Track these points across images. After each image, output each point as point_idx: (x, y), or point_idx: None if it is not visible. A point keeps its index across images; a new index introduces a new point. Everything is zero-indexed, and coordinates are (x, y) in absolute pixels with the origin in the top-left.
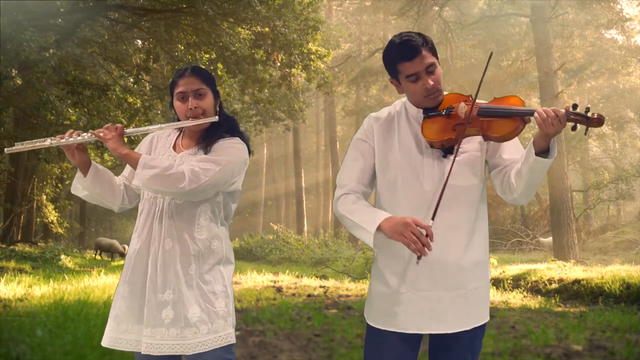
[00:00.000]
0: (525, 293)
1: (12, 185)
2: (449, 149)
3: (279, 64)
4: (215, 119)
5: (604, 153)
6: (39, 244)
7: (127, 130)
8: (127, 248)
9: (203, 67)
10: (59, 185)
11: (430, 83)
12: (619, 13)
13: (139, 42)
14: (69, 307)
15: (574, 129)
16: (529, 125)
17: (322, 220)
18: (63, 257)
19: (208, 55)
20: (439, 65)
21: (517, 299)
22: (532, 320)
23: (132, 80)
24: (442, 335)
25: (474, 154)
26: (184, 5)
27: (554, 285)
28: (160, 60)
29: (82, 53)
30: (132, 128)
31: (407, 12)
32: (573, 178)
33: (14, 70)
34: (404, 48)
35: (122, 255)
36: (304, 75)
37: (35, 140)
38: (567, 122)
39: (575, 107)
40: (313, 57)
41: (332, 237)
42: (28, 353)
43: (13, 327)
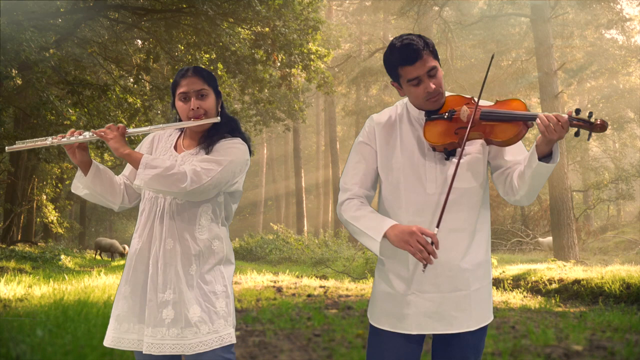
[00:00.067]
0: (525, 293)
1: (12, 185)
2: (452, 152)
3: (279, 64)
4: (217, 120)
5: (604, 153)
6: (39, 244)
7: (128, 130)
8: (127, 248)
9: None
10: (59, 185)
11: (432, 87)
12: (619, 13)
13: (139, 42)
14: (69, 307)
15: (577, 135)
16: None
17: (322, 220)
18: (63, 257)
19: (208, 55)
20: (440, 68)
21: (517, 299)
22: (532, 320)
23: (132, 80)
24: (445, 336)
25: (476, 156)
26: (184, 5)
27: (554, 285)
28: (160, 60)
29: (82, 53)
30: (133, 128)
31: (407, 12)
32: (573, 178)
33: (14, 70)
34: (405, 52)
35: (122, 255)
36: (304, 75)
37: (37, 139)
38: (569, 127)
39: (578, 112)
40: (313, 57)
41: (332, 237)
42: (28, 353)
43: (13, 327)
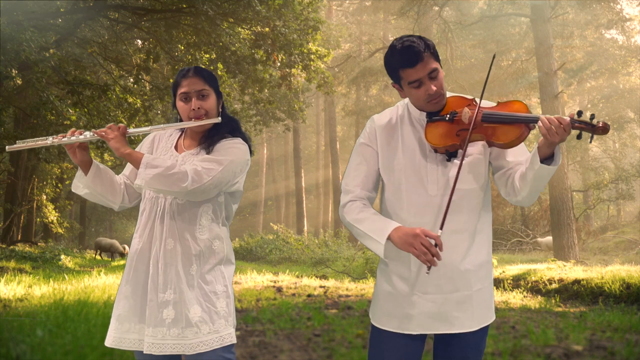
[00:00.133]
0: (525, 293)
1: (12, 185)
2: (453, 153)
3: (279, 64)
4: (218, 120)
5: (604, 153)
6: (39, 244)
7: (129, 130)
8: (127, 248)
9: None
10: (59, 185)
11: (433, 89)
12: (619, 13)
13: (139, 42)
14: (69, 307)
15: (579, 137)
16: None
17: (322, 220)
18: (63, 257)
19: (208, 55)
20: (441, 69)
21: (517, 299)
22: (532, 320)
23: (132, 80)
24: (446, 336)
25: (478, 157)
26: (184, 5)
27: (554, 285)
28: (160, 60)
29: (82, 53)
30: (133, 128)
31: (407, 12)
32: (573, 178)
33: (14, 70)
34: (406, 54)
35: (122, 256)
36: (304, 75)
37: (37, 139)
38: (571, 130)
39: (580, 114)
40: (313, 57)
41: (332, 237)
42: (28, 353)
43: (13, 327)
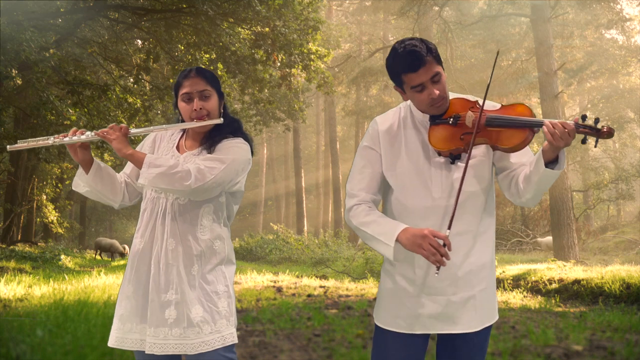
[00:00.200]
0: (525, 293)
1: (12, 185)
2: (457, 156)
3: (279, 64)
4: (220, 121)
5: (604, 153)
6: (39, 244)
7: (131, 131)
8: (127, 248)
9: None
10: (59, 185)
11: (436, 92)
12: (619, 13)
13: (139, 42)
14: (69, 307)
15: (584, 142)
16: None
17: (322, 220)
18: (63, 257)
19: (208, 55)
20: (444, 72)
21: (517, 299)
22: (532, 320)
23: (132, 80)
24: (449, 336)
25: (481, 159)
26: (184, 5)
27: (554, 285)
28: (160, 60)
29: (82, 53)
30: (135, 128)
31: (407, 12)
32: (573, 178)
33: (14, 70)
34: (409, 59)
35: (122, 256)
36: (304, 75)
37: (38, 138)
38: (576, 134)
39: (585, 118)
40: (313, 57)
41: (332, 237)
42: (28, 353)
43: (13, 327)
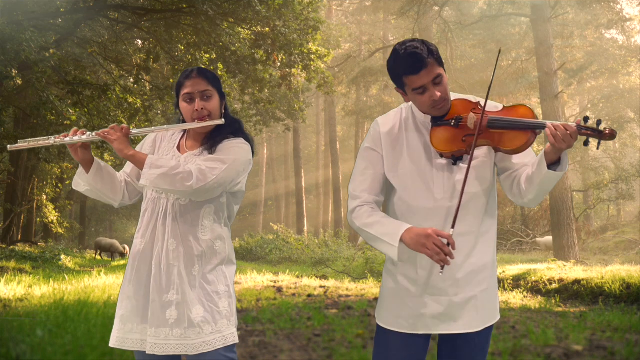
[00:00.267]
0: (526, 293)
1: (12, 185)
2: (459, 158)
3: (279, 64)
4: (222, 122)
5: (604, 153)
6: (39, 244)
7: (132, 131)
8: (127, 248)
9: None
10: (59, 185)
11: (438, 94)
12: (619, 13)
13: (139, 42)
14: (69, 307)
15: (586, 144)
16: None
17: (322, 220)
18: (63, 257)
19: (208, 55)
20: (445, 74)
21: (517, 299)
22: (532, 320)
23: (132, 80)
24: (451, 336)
25: (483, 160)
26: (184, 5)
27: (554, 285)
28: (160, 60)
29: (82, 53)
30: (136, 129)
31: (407, 12)
32: (573, 178)
33: (14, 70)
34: (410, 61)
35: (122, 256)
36: (304, 75)
37: (39, 138)
38: (578, 136)
39: (587, 120)
40: (313, 57)
41: (332, 237)
42: (28, 353)
43: (13, 327)
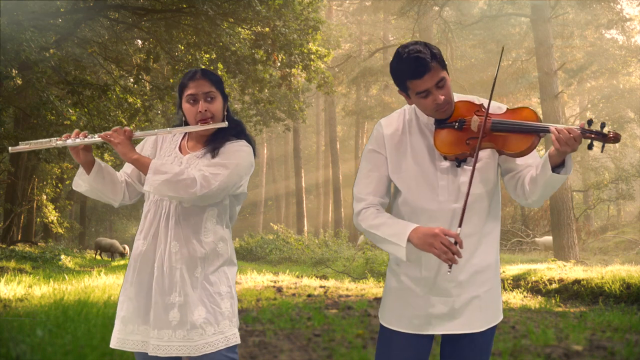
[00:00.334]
0: (526, 293)
1: (12, 185)
2: (463, 160)
3: (279, 64)
4: (225, 125)
5: (604, 153)
6: (39, 244)
7: (135, 133)
8: (127, 248)
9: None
10: (59, 185)
11: (441, 98)
12: (619, 13)
13: (139, 42)
14: (69, 307)
15: (590, 147)
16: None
17: (322, 220)
18: (63, 257)
19: (208, 55)
20: (448, 76)
21: (517, 299)
22: (532, 320)
23: (132, 80)
24: (454, 336)
25: (487, 162)
26: (184, 5)
27: (554, 285)
28: (160, 60)
29: (82, 53)
30: (139, 131)
31: (407, 12)
32: (573, 178)
33: (14, 70)
34: (413, 65)
35: (122, 255)
36: (304, 75)
37: (41, 140)
38: (582, 139)
39: (591, 123)
40: (313, 57)
41: (332, 237)
42: (28, 353)
43: (13, 327)
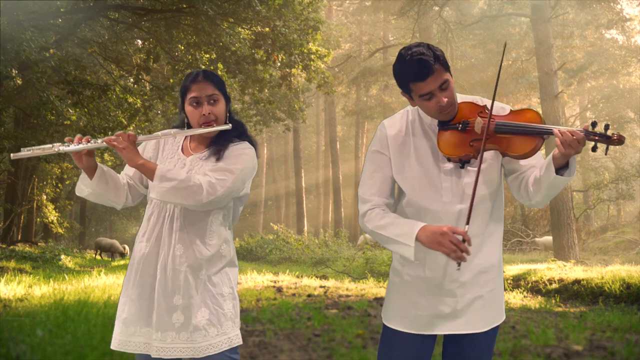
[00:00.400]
0: (526, 293)
1: (12, 185)
2: (466, 161)
3: (279, 64)
4: (229, 127)
5: (604, 152)
6: (39, 244)
7: (139, 138)
8: (127, 248)
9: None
10: (59, 185)
11: (444, 100)
12: (619, 13)
13: (139, 42)
14: (69, 307)
15: (594, 149)
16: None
17: (322, 220)
18: (63, 257)
19: (208, 55)
20: (452, 78)
21: (517, 299)
22: (532, 320)
23: (132, 80)
24: (457, 336)
25: (490, 163)
26: (184, 5)
27: (554, 285)
28: (160, 60)
29: (82, 53)
30: (143, 135)
31: (407, 12)
32: (573, 178)
33: (14, 70)
34: (417, 68)
35: (122, 256)
36: (304, 75)
37: (43, 146)
38: (586, 141)
39: (595, 125)
40: (313, 57)
41: (332, 237)
42: (28, 353)
43: (13, 327)
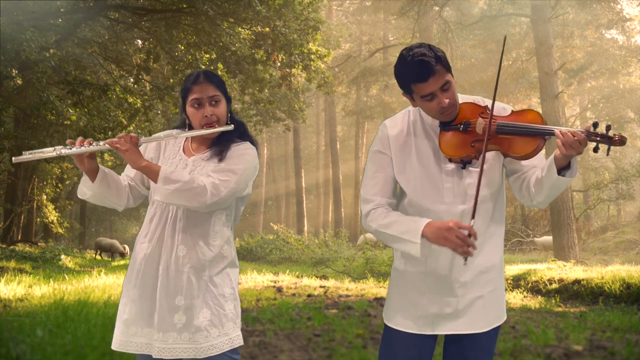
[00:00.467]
0: (526, 293)
1: (12, 185)
2: (468, 162)
3: (279, 64)
4: (231, 128)
5: (604, 153)
6: (39, 244)
7: (141, 139)
8: (127, 248)
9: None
10: (59, 185)
11: (446, 101)
12: (619, 13)
13: (139, 42)
14: (69, 307)
15: (596, 150)
16: None
17: (322, 220)
18: (63, 257)
19: (208, 55)
20: (453, 78)
21: (517, 299)
22: (532, 320)
23: (132, 80)
24: (457, 336)
25: (492, 163)
26: (184, 5)
27: (554, 285)
28: (160, 60)
29: (82, 53)
30: (145, 137)
31: (407, 12)
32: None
33: (14, 70)
34: (417, 69)
35: (122, 255)
36: (304, 75)
37: (44, 150)
38: (588, 142)
39: (596, 125)
40: (313, 57)
41: (332, 237)
42: (28, 353)
43: (13, 327)
